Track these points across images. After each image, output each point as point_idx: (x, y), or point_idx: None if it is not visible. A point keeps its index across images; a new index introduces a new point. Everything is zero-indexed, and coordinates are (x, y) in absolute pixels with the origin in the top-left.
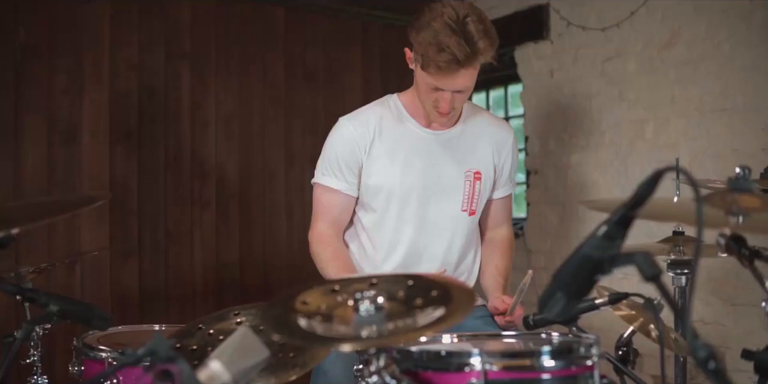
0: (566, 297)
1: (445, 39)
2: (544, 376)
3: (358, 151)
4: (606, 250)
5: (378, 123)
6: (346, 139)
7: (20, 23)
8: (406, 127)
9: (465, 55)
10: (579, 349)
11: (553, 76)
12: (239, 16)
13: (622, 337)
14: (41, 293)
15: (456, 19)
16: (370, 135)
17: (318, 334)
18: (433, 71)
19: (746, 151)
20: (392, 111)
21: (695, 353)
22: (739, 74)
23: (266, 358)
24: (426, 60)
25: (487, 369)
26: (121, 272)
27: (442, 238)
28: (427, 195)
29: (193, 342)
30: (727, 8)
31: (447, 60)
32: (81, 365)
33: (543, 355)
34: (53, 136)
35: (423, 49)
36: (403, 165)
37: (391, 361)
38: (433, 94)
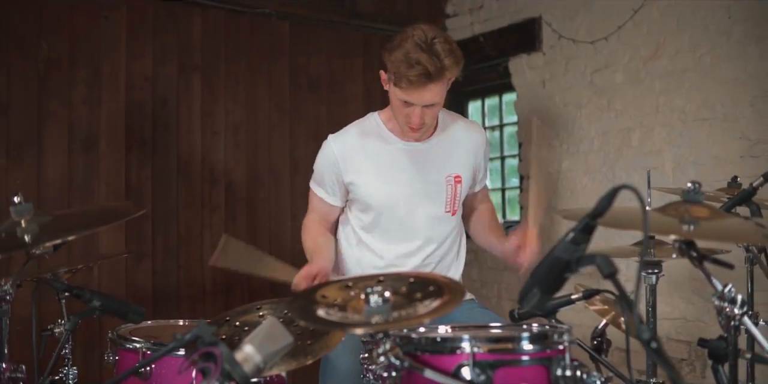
0: (541, 292)
1: (415, 55)
2: (524, 358)
3: (338, 169)
4: (573, 253)
5: (360, 140)
6: (328, 158)
7: (43, 38)
8: (387, 141)
9: (434, 69)
10: (553, 336)
11: (545, 86)
12: (247, 30)
13: (597, 329)
14: (86, 290)
15: (425, 40)
16: (352, 152)
17: (335, 321)
18: (405, 86)
19: (725, 158)
20: (373, 128)
21: (640, 335)
22: (719, 86)
23: (291, 343)
24: (398, 76)
25: (476, 351)
26: (136, 273)
27: (429, 239)
28: (413, 202)
29: (221, 332)
30: (708, 24)
31: (417, 74)
32: (116, 355)
33: (522, 340)
34: (73, 143)
35: (395, 67)
36: (387, 177)
37: (395, 345)
38: (404, 110)
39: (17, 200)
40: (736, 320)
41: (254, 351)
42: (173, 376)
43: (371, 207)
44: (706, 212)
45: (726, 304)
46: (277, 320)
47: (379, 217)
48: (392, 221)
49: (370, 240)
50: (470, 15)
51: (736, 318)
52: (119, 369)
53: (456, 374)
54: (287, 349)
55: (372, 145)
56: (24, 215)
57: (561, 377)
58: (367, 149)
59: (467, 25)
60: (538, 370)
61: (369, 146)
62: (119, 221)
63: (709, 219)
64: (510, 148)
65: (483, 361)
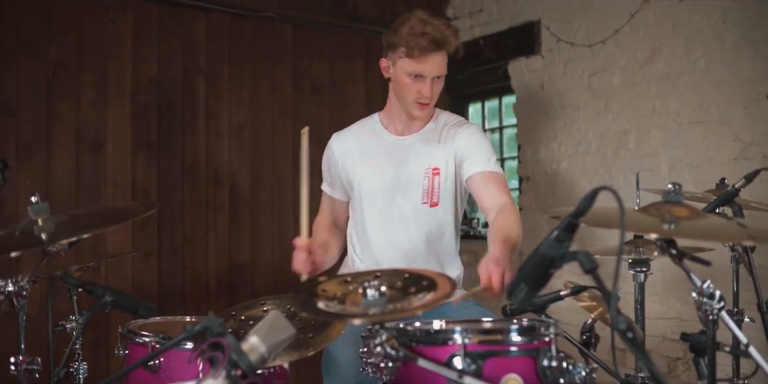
0: (528, 287)
1: (421, 27)
2: (512, 349)
3: (336, 164)
4: (557, 250)
5: (357, 138)
6: (328, 155)
7: (51, 42)
8: (379, 136)
9: (440, 36)
10: (540, 328)
11: (543, 89)
12: (250, 34)
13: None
14: (98, 286)
15: (424, 17)
16: (350, 149)
17: (335, 312)
18: (418, 53)
19: (720, 160)
20: (371, 125)
21: (617, 326)
22: (714, 89)
23: (293, 335)
24: (409, 48)
25: (467, 342)
26: (142, 272)
27: (407, 229)
28: (392, 193)
29: (228, 325)
30: (703, 28)
31: (428, 40)
32: (126, 349)
33: (511, 332)
34: (81, 145)
35: (405, 41)
36: (373, 169)
37: (391, 336)
38: (415, 85)
39: (34, 200)
40: (714, 314)
41: (259, 342)
42: (181, 370)
43: (358, 198)
44: (687, 212)
45: (705, 299)
46: (280, 313)
47: (362, 206)
48: (372, 210)
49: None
50: (470, 18)
51: (713, 312)
52: (129, 362)
53: (448, 364)
54: (290, 340)
55: (365, 138)
56: (41, 214)
57: (547, 367)
58: (361, 142)
59: (467, 29)
60: (525, 361)
61: (362, 139)
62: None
63: (690, 219)
64: (509, 150)
65: (473, 352)
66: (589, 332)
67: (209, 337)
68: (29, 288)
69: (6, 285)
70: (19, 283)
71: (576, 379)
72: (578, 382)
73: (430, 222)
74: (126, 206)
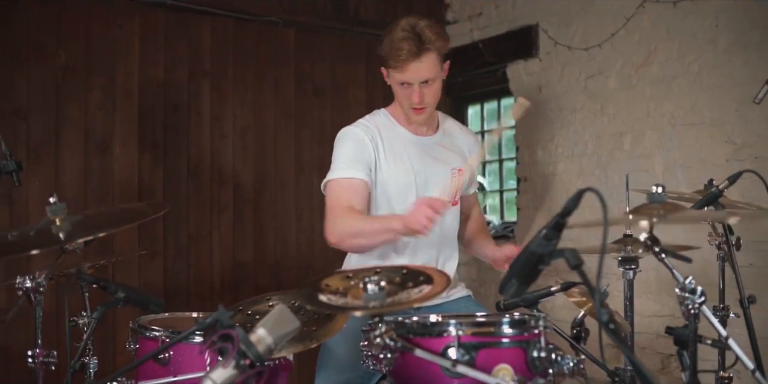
0: (518, 282)
1: (400, 35)
2: (504, 340)
3: (370, 148)
4: (545, 247)
5: (378, 129)
6: (358, 139)
7: (61, 46)
8: (399, 133)
9: (418, 43)
10: (530, 321)
11: (541, 91)
12: (254, 37)
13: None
14: (111, 283)
15: (407, 25)
16: (375, 137)
17: (337, 305)
18: (398, 64)
19: (712, 161)
20: (384, 121)
21: (600, 317)
22: (706, 92)
23: (298, 327)
24: (390, 59)
25: (460, 334)
26: (148, 271)
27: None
28: (422, 191)
29: (235, 319)
30: (696, 32)
31: (405, 51)
32: (136, 343)
33: (503, 325)
34: (89, 146)
35: (385, 52)
36: (401, 165)
37: (390, 328)
38: (405, 92)
39: (52, 201)
40: (695, 309)
41: (266, 333)
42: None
43: (385, 192)
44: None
45: (687, 295)
46: (286, 307)
47: (391, 203)
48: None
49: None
50: (470, 22)
51: (695, 306)
52: (139, 356)
53: (443, 354)
54: (295, 333)
55: (386, 135)
56: (58, 214)
57: (537, 358)
58: (384, 138)
59: (467, 32)
60: (516, 352)
61: (385, 136)
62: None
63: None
64: (508, 151)
65: (467, 343)
66: (579, 326)
67: (219, 329)
68: (46, 284)
69: (24, 282)
70: (36, 279)
71: (564, 370)
72: (566, 373)
73: (451, 219)
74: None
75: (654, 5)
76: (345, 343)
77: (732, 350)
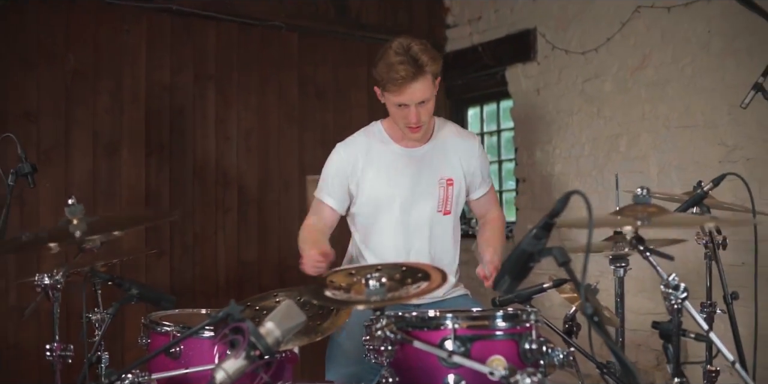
0: (511, 278)
1: (395, 59)
2: (497, 333)
3: (346, 173)
4: (535, 246)
5: (366, 147)
6: (337, 164)
7: (70, 51)
8: (388, 148)
9: (414, 67)
10: (522, 315)
11: (539, 94)
12: (258, 42)
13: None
14: (125, 280)
15: (400, 47)
16: (359, 158)
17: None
18: (394, 89)
19: (705, 163)
20: (377, 136)
21: (585, 310)
22: (700, 95)
23: (304, 321)
24: (385, 82)
25: (456, 327)
26: (155, 270)
27: (422, 236)
28: (408, 202)
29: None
30: (690, 37)
31: (401, 75)
32: (148, 338)
33: (496, 318)
34: (97, 149)
35: (381, 76)
36: (387, 179)
37: (390, 322)
38: (401, 113)
39: (71, 202)
40: (678, 304)
41: (275, 327)
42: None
43: (371, 206)
44: (655, 210)
45: (670, 291)
46: (293, 302)
47: (377, 217)
48: (389, 221)
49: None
50: (469, 26)
51: (678, 302)
52: (151, 350)
53: (440, 346)
54: (301, 326)
55: (375, 149)
56: (76, 215)
57: (528, 350)
58: (371, 153)
59: (466, 36)
60: (509, 344)
61: (372, 150)
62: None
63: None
64: (507, 152)
65: (463, 336)
66: (571, 321)
67: (231, 323)
68: (63, 282)
69: (42, 279)
70: (54, 277)
71: (555, 361)
72: (556, 364)
73: (443, 229)
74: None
75: (649, 10)
76: (351, 339)
77: (713, 343)
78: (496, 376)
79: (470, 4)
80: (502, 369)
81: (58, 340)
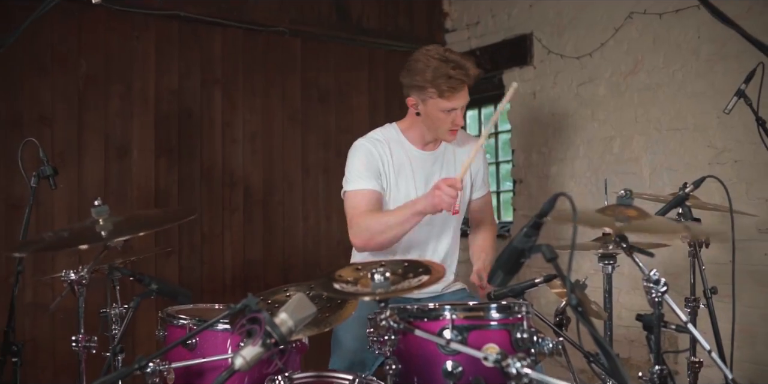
0: (503, 273)
1: (446, 68)
2: (492, 323)
3: (379, 162)
4: (526, 243)
5: (387, 144)
6: (368, 153)
7: (82, 57)
8: (406, 148)
9: (465, 73)
10: (515, 308)
11: (535, 97)
12: (262, 47)
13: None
14: (145, 276)
15: (440, 54)
16: (384, 152)
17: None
18: (449, 94)
19: (695, 165)
20: (394, 137)
21: (570, 301)
22: (690, 99)
23: (314, 313)
24: (440, 90)
25: (454, 318)
26: (164, 268)
27: (434, 233)
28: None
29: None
30: (681, 43)
31: (460, 79)
32: (165, 331)
33: (491, 310)
34: (109, 151)
35: (436, 84)
36: (405, 178)
37: (393, 313)
38: (448, 117)
39: (97, 203)
40: (659, 297)
41: (288, 317)
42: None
43: (387, 204)
44: (635, 213)
45: (651, 285)
46: (304, 295)
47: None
48: None
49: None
50: (467, 30)
51: (658, 295)
52: (168, 342)
53: (439, 335)
54: (311, 317)
55: (395, 150)
56: (102, 215)
57: (520, 339)
58: (393, 153)
59: (465, 40)
60: (502, 333)
61: (393, 150)
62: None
63: (638, 218)
64: (504, 154)
65: (460, 325)
66: (561, 314)
67: (248, 313)
68: (88, 278)
69: (69, 274)
70: (79, 273)
71: (544, 350)
72: (546, 352)
73: (452, 226)
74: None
75: (641, 17)
76: (353, 331)
77: (691, 333)
78: (490, 361)
79: (469, 10)
80: (496, 354)
81: (83, 332)
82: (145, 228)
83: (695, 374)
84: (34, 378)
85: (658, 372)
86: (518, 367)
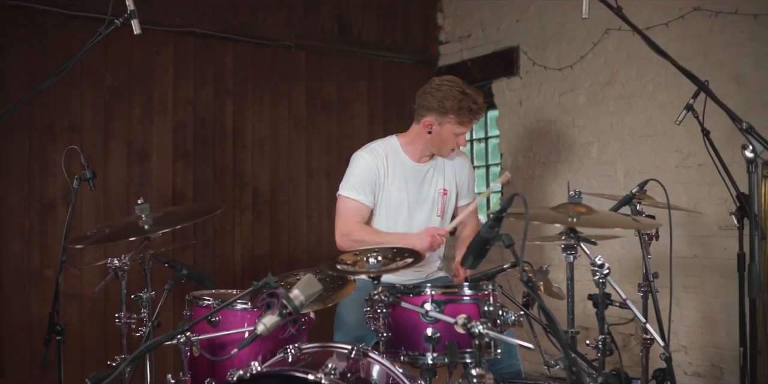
0: (473, 257)
1: (467, 102)
2: (464, 298)
3: (376, 174)
4: (490, 233)
5: (385, 156)
6: (367, 166)
7: (108, 71)
8: (402, 160)
9: (481, 103)
10: (483, 286)
11: (521, 105)
12: (270, 59)
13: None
14: (177, 263)
15: (458, 87)
16: (382, 164)
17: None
18: (466, 120)
19: (664, 168)
20: (393, 149)
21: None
22: (659, 108)
23: (321, 289)
24: (462, 117)
25: (433, 293)
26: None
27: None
28: (414, 207)
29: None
30: (652, 57)
31: (476, 112)
32: (191, 311)
33: (463, 287)
34: (131, 156)
35: (457, 113)
36: (399, 187)
37: (385, 289)
38: (456, 139)
39: (140, 202)
40: (602, 278)
41: (299, 293)
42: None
43: (384, 208)
44: (585, 209)
45: (596, 268)
46: (312, 275)
47: (388, 218)
48: (397, 222)
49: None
50: (460, 42)
51: (602, 277)
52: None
53: (421, 306)
54: (318, 293)
55: (392, 161)
56: (144, 211)
57: (487, 311)
58: (390, 164)
59: (457, 52)
60: (472, 306)
61: (390, 161)
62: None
63: (587, 214)
64: (493, 158)
65: (438, 300)
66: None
67: (268, 289)
68: (129, 264)
69: (113, 262)
70: (122, 260)
71: (508, 321)
72: (509, 323)
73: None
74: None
75: (616, 33)
76: (353, 311)
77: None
78: (459, 325)
79: (461, 24)
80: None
81: (125, 309)
82: (181, 222)
83: (647, 349)
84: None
85: (602, 340)
86: (480, 329)
